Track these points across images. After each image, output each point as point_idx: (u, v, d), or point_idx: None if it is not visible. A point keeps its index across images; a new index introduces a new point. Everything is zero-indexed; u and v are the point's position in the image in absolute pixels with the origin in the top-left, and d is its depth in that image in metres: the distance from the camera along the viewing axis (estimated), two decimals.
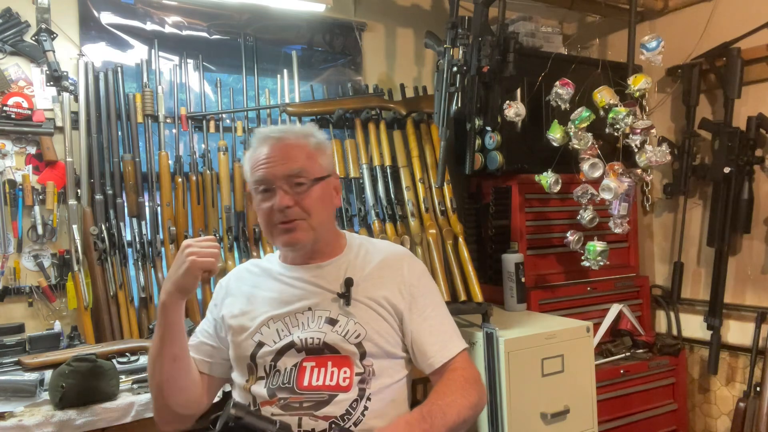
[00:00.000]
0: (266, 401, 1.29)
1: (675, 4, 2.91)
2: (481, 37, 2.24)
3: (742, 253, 2.71)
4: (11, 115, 2.02)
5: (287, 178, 1.32)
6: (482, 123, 2.39)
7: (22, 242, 2.05)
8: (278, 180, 1.31)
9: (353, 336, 1.32)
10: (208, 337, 1.44)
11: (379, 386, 1.32)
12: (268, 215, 1.33)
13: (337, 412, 1.26)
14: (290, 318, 1.35)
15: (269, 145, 1.35)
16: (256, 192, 1.35)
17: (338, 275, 1.37)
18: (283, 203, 1.30)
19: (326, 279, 1.37)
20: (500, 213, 2.59)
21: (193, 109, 2.34)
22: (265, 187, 1.33)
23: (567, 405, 2.15)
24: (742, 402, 2.54)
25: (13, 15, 2.07)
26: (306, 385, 1.28)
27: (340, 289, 1.35)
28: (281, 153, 1.33)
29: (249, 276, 1.47)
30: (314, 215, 1.34)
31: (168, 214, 2.21)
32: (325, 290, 1.37)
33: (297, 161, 1.33)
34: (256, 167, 1.34)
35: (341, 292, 1.34)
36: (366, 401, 1.29)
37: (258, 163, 1.34)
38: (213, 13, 2.43)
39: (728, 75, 2.59)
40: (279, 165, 1.32)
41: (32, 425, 1.48)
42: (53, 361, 1.68)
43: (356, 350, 1.31)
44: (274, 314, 1.35)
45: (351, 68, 2.74)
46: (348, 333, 1.32)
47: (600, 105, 2.42)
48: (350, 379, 1.29)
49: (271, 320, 1.35)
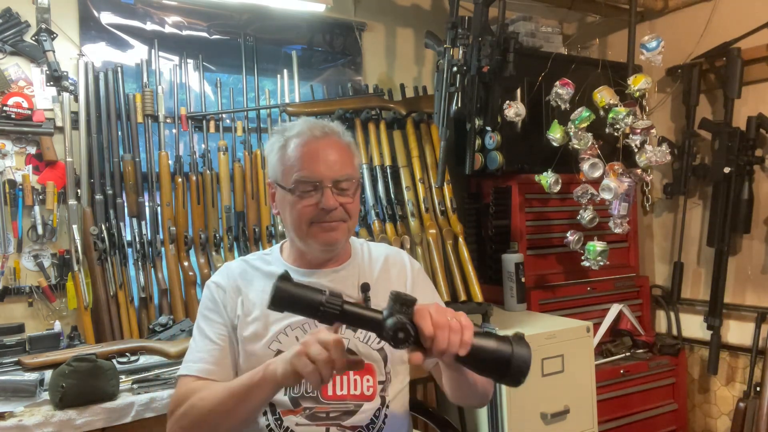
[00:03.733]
0: (289, 410, 1.26)
1: (675, 4, 2.91)
2: (481, 37, 2.24)
3: (742, 253, 2.71)
4: (11, 115, 2.02)
5: (336, 180, 1.26)
6: (482, 123, 2.39)
7: (22, 242, 2.05)
8: (327, 180, 1.25)
9: (375, 341, 1.29)
10: (231, 341, 1.30)
11: (394, 392, 1.31)
12: (307, 212, 1.26)
13: (363, 421, 1.26)
14: (309, 324, 1.28)
15: (317, 142, 1.27)
16: (297, 188, 1.26)
17: (354, 280, 1.34)
18: (331, 204, 1.25)
19: (344, 284, 1.33)
20: (500, 213, 2.59)
21: (193, 109, 2.34)
22: (312, 186, 1.26)
23: (567, 405, 2.15)
24: (742, 402, 2.54)
25: (13, 15, 2.07)
26: (331, 394, 1.26)
27: (357, 294, 1.31)
28: (331, 153, 1.27)
29: (257, 276, 1.35)
30: (353, 219, 1.31)
31: (168, 214, 2.21)
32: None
33: (345, 164, 1.29)
34: (302, 164, 1.26)
35: (360, 298, 1.29)
36: (386, 409, 1.29)
37: (305, 160, 1.26)
38: (213, 13, 2.43)
39: (728, 75, 2.59)
40: (329, 165, 1.26)
41: (32, 425, 1.48)
42: (53, 361, 1.68)
43: (379, 356, 1.29)
44: (292, 321, 1.28)
45: (351, 68, 2.74)
46: (370, 338, 1.29)
47: (600, 105, 2.42)
48: (374, 388, 1.28)
49: (288, 327, 1.28)
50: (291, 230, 1.31)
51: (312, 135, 1.28)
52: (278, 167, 1.30)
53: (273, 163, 1.31)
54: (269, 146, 1.34)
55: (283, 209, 1.31)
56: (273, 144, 1.33)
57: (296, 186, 1.26)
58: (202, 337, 1.29)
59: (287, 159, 1.28)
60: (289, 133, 1.31)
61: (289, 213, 1.28)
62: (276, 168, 1.30)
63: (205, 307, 1.33)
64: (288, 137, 1.30)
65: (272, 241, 2.35)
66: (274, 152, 1.31)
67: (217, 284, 1.34)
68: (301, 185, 1.25)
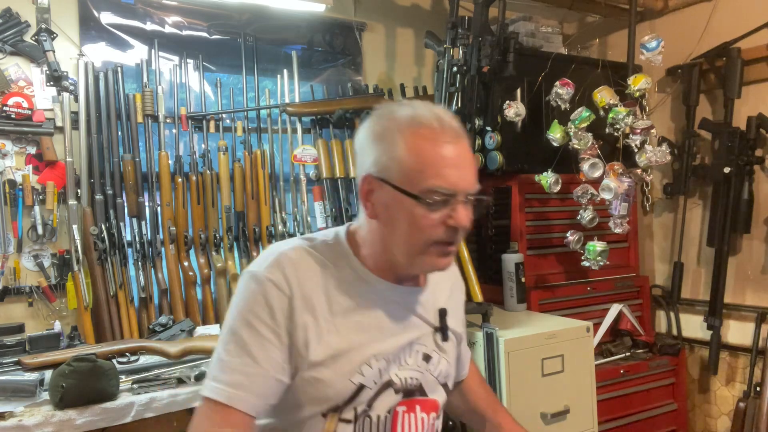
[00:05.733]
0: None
1: (675, 4, 2.91)
2: (481, 37, 2.24)
3: (742, 253, 2.71)
4: (11, 115, 2.02)
5: (471, 194, 1.01)
6: (482, 123, 2.39)
7: (22, 242, 2.05)
8: (462, 194, 0.99)
9: (442, 376, 1.13)
10: (281, 371, 1.00)
11: (438, 427, 1.16)
12: (435, 231, 0.99)
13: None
14: (397, 355, 1.07)
15: (454, 143, 1.00)
16: (427, 197, 0.98)
17: (433, 303, 1.15)
18: (466, 223, 1.00)
19: (424, 306, 1.13)
20: (500, 213, 2.59)
21: (193, 109, 2.34)
22: (445, 198, 0.98)
23: (567, 405, 2.15)
24: (742, 402, 2.54)
25: (13, 15, 2.07)
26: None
27: (434, 320, 1.13)
28: (466, 159, 1.02)
29: (329, 278, 1.05)
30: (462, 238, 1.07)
31: (168, 214, 2.21)
32: (423, 320, 1.12)
33: (475, 175, 1.03)
34: (438, 169, 0.98)
35: (438, 325, 1.13)
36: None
37: (441, 165, 0.98)
38: (213, 13, 2.43)
39: (728, 75, 2.59)
40: (466, 175, 1.00)
41: (32, 425, 1.48)
42: (53, 361, 1.68)
43: (443, 392, 1.14)
44: (379, 350, 1.04)
45: (351, 68, 2.74)
46: (440, 373, 1.13)
47: (600, 105, 2.41)
48: (437, 428, 1.14)
49: (374, 357, 1.03)
50: (400, 243, 1.02)
51: (443, 132, 1.00)
52: (392, 163, 0.99)
53: (378, 155, 1.01)
54: (370, 131, 1.04)
55: (393, 216, 1.01)
56: (382, 131, 1.02)
57: (426, 195, 0.97)
58: (242, 352, 0.97)
59: (411, 156, 0.98)
60: (407, 122, 1.00)
61: (408, 225, 0.99)
62: (387, 163, 1.00)
63: (252, 312, 0.98)
64: (407, 127, 1.00)
65: (272, 241, 2.35)
66: (382, 141, 1.01)
67: (277, 285, 0.99)
68: (433, 195, 0.97)
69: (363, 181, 1.03)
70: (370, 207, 1.03)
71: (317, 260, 1.04)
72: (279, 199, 2.41)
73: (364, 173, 1.03)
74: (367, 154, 1.03)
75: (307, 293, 1.00)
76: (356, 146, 1.08)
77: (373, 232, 1.05)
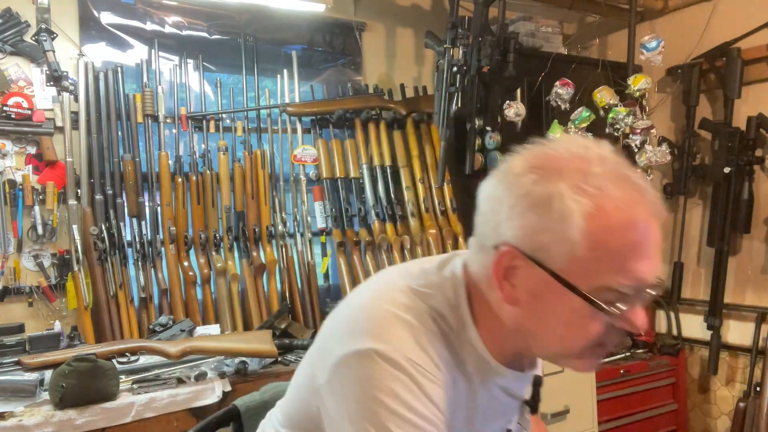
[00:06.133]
0: None
1: (675, 4, 2.91)
2: (481, 37, 2.24)
3: (742, 253, 2.71)
4: (11, 115, 2.02)
5: (653, 287, 0.74)
6: (482, 123, 2.39)
7: (22, 242, 2.05)
8: (645, 290, 0.73)
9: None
10: None
11: None
12: (595, 334, 0.74)
13: None
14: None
15: (653, 223, 0.73)
16: (597, 297, 0.70)
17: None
18: (645, 325, 0.75)
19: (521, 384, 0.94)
20: None
21: (193, 109, 2.34)
22: (628, 296, 0.72)
23: (567, 405, 2.15)
24: (742, 402, 2.54)
25: (13, 15, 2.07)
26: None
27: (526, 394, 0.95)
28: (659, 240, 0.75)
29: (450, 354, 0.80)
30: None
31: (168, 214, 2.21)
32: (517, 398, 0.93)
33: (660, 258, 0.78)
34: (628, 261, 0.71)
35: (529, 399, 0.96)
36: None
37: (634, 255, 0.71)
38: (213, 13, 2.43)
39: (728, 75, 2.59)
40: (657, 263, 0.74)
41: (32, 425, 1.48)
42: (53, 361, 1.68)
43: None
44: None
45: (351, 68, 2.74)
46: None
47: (600, 105, 2.42)
48: None
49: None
50: (547, 343, 0.78)
51: (641, 205, 0.72)
52: (557, 245, 0.70)
53: (535, 227, 0.71)
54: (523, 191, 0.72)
55: (543, 309, 0.75)
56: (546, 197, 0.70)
57: (600, 294, 0.70)
58: None
59: (588, 241, 0.69)
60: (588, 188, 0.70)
61: (565, 325, 0.74)
62: (547, 242, 0.71)
63: (403, 403, 0.73)
64: (588, 198, 0.69)
65: (272, 242, 2.35)
66: (545, 211, 0.70)
67: (423, 369, 0.75)
68: (610, 294, 0.71)
69: (502, 255, 0.74)
70: (507, 289, 0.76)
71: (441, 335, 0.79)
72: (279, 199, 2.41)
73: (504, 242, 0.73)
74: (511, 216, 0.73)
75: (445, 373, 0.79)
76: (489, 194, 0.77)
77: (508, 317, 0.78)
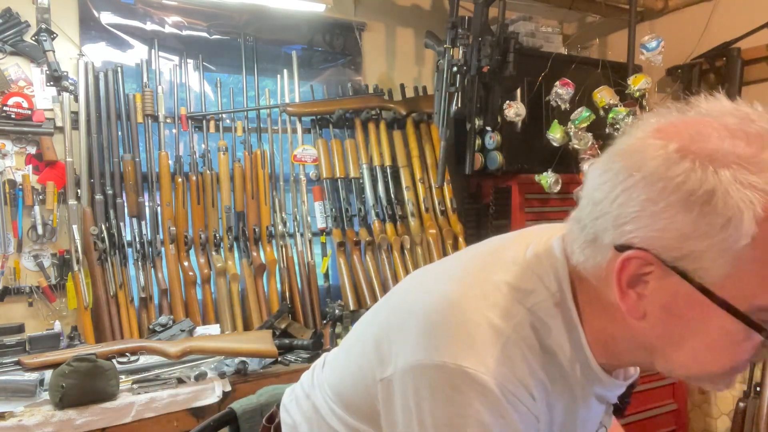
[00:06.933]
0: None
1: (675, 4, 2.91)
2: (481, 37, 2.24)
3: None
4: (11, 115, 2.02)
5: None
6: (482, 123, 2.39)
7: (22, 242, 2.05)
8: None
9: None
10: None
11: None
12: (745, 354, 0.64)
13: None
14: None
15: None
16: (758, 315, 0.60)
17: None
18: None
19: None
20: (500, 213, 2.59)
21: (193, 109, 2.34)
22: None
23: None
24: (742, 402, 2.54)
25: (13, 15, 2.07)
26: None
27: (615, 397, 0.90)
28: None
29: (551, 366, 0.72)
30: None
31: (168, 214, 2.21)
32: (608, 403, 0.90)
33: None
34: None
35: (617, 401, 0.92)
36: None
37: None
38: (213, 13, 2.43)
39: (728, 75, 2.59)
40: None
41: (32, 425, 1.48)
42: (53, 361, 1.68)
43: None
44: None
45: (351, 68, 2.74)
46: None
47: (600, 105, 2.42)
48: None
49: None
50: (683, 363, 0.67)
51: None
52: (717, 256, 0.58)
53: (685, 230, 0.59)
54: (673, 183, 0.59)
55: (680, 325, 0.64)
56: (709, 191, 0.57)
57: (759, 314, 0.60)
58: None
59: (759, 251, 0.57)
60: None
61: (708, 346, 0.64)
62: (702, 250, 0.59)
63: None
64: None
65: (272, 242, 2.35)
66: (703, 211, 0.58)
67: (515, 400, 0.67)
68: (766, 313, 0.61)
69: (629, 260, 0.62)
70: (632, 300, 0.64)
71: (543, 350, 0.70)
72: (279, 199, 2.41)
73: (633, 244, 0.61)
74: (649, 214, 0.60)
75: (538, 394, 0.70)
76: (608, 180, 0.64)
77: (630, 329, 0.67)
